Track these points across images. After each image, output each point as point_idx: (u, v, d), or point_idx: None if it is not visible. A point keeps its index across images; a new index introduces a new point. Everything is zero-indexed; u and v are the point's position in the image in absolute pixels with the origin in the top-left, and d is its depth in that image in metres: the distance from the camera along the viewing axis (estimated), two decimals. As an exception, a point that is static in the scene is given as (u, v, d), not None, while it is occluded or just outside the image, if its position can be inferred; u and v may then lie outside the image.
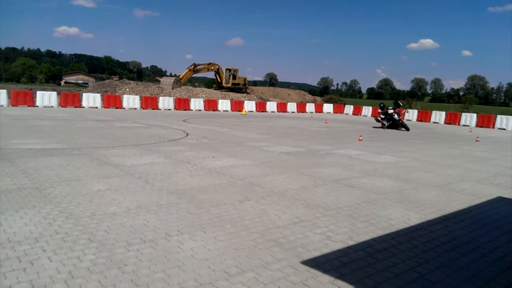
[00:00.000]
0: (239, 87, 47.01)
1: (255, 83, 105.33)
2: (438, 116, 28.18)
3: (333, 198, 5.62)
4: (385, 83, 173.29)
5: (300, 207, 5.05)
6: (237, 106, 29.46)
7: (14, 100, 20.86)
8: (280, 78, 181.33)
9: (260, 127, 16.85)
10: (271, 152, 9.65)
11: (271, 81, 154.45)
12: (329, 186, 6.32)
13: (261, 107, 31.19)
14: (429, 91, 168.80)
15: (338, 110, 36.32)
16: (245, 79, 49.33)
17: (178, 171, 6.77)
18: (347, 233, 4.21)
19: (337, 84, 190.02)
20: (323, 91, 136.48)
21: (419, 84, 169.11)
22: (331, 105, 38.11)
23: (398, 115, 19.52)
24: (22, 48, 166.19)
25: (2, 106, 19.97)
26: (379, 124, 20.27)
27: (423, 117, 28.78)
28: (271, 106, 32.20)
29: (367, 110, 32.77)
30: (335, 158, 9.23)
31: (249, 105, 30.31)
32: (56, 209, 4.40)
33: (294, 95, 58.93)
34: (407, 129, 19.20)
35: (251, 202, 5.14)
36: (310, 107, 35.38)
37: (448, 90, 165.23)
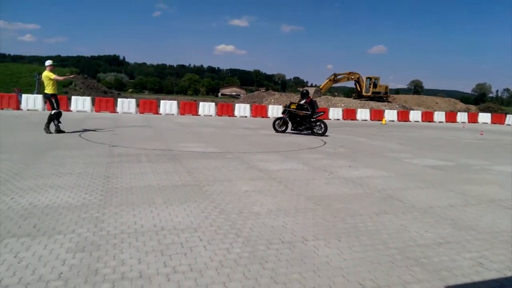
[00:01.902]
0: (380, 96, 44.82)
1: (397, 91, 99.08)
2: None
3: (487, 220, 4.90)
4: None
5: (447, 227, 4.55)
6: (377, 115, 28.17)
7: (182, 110, 24.13)
8: (427, 85, 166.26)
9: (401, 138, 15.79)
10: (413, 164, 8.95)
11: (415, 88, 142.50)
12: (483, 206, 5.54)
13: (403, 116, 29.18)
14: None
15: (497, 120, 31.43)
16: (386, 87, 46.82)
17: (315, 178, 6.84)
18: (504, 262, 3.62)
19: (497, 91, 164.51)
20: (478, 99, 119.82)
21: None
22: (489, 114, 33.21)
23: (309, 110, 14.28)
24: (189, 65, 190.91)
25: (173, 114, 23.24)
26: None
27: None
28: (415, 115, 29.84)
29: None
30: (492, 175, 8.03)
31: (390, 114, 28.68)
32: (211, 204, 4.92)
33: (442, 104, 53.39)
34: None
35: (389, 216, 4.86)
36: (462, 116, 31.62)
37: None
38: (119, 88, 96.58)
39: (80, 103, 22.12)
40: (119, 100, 23.99)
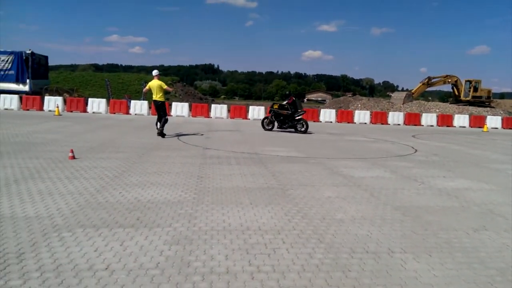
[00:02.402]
0: (481, 101, 40.37)
1: (502, 96, 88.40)
2: None
3: None
4: None
5: (559, 249, 3.94)
6: (477, 121, 25.46)
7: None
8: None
9: (505, 147, 14.06)
10: (520, 177, 7.90)
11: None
12: None
13: (509, 123, 25.94)
14: None
15: None
16: (489, 91, 42.02)
17: (404, 188, 6.43)
18: None
19: None
20: None
21: None
22: None
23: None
24: (277, 71, 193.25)
25: (261, 120, 23.78)
26: None
27: None
28: (523, 122, 26.30)
29: None
30: None
31: (493, 121, 25.71)
32: (294, 208, 4.94)
33: (558, 110, 46.30)
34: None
35: (489, 233, 4.36)
36: None
37: None
38: (213, 95, 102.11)
39: (179, 109, 23.85)
40: (213, 106, 25.35)
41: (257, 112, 24.39)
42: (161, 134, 11.93)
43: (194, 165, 7.60)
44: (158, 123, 12.13)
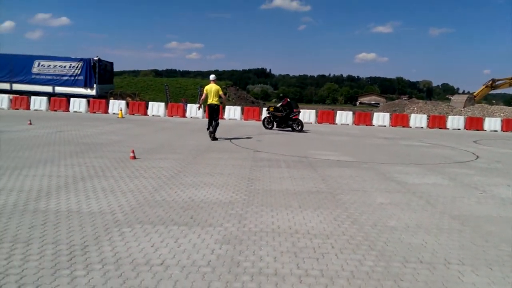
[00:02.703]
0: (553, 105, 36.73)
1: None
2: None
3: None
4: None
5: None
6: (549, 127, 23.20)
7: (320, 118, 24.28)
8: None
9: None
10: None
11: None
12: None
13: None
14: None
15: None
16: None
17: (464, 196, 6.02)
18: None
19: None
20: None
21: None
22: None
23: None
24: (329, 74, 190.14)
25: (311, 123, 23.56)
26: None
27: None
28: None
29: None
30: None
31: None
32: (344, 213, 4.83)
33: None
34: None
35: (561, 248, 3.95)
36: None
37: None
38: (264, 98, 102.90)
39: (232, 112, 24.34)
40: (264, 109, 25.57)
41: (308, 115, 24.18)
42: (214, 138, 12.01)
43: (245, 167, 7.70)
44: (210, 127, 12.11)
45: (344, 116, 24.35)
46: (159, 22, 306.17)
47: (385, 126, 23.42)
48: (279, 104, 16.82)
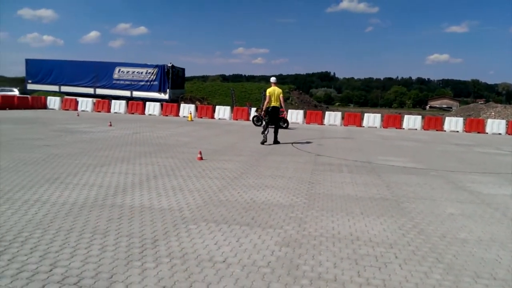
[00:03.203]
0: None
1: None
2: None
3: None
4: None
5: None
6: None
7: (386, 123, 23.21)
8: None
9: None
10: None
11: None
12: None
13: None
14: None
15: None
16: None
17: (550, 210, 5.37)
18: None
19: None
20: None
21: None
22: None
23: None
24: (397, 77, 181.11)
25: (376, 127, 22.65)
26: None
27: None
28: None
29: None
30: None
31: None
32: (409, 223, 4.57)
33: None
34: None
35: None
36: None
37: None
38: (327, 102, 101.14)
39: (294, 116, 24.26)
40: (327, 113, 25.15)
41: (372, 119, 23.29)
42: (276, 141, 11.88)
43: (306, 171, 7.63)
44: (267, 130, 11.69)
45: (412, 121, 23.03)
46: (228, 30, 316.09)
47: (457, 131, 21.71)
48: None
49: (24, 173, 6.19)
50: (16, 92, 30.38)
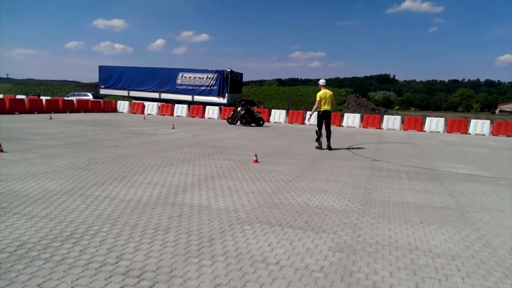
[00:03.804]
0: None
1: None
2: None
3: None
4: None
5: None
6: None
7: (450, 127, 21.69)
8: None
9: None
10: None
11: None
12: None
13: None
14: None
15: None
16: None
17: None
18: None
19: None
20: None
21: None
22: None
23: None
24: (463, 79, 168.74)
25: (439, 132, 21.27)
26: None
27: None
28: None
29: None
30: None
31: None
32: (474, 234, 4.24)
33: None
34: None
35: None
36: None
37: None
38: (386, 106, 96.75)
39: (351, 119, 23.65)
40: (385, 117, 24.15)
41: (435, 123, 21.92)
42: (329, 147, 11.33)
43: (362, 176, 7.40)
44: (321, 136, 11.44)
45: (479, 125, 21.29)
46: (285, 34, 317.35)
47: (533, 137, 19.66)
48: (243, 111, 20.41)
49: (96, 172, 6.73)
50: (90, 96, 33.03)
